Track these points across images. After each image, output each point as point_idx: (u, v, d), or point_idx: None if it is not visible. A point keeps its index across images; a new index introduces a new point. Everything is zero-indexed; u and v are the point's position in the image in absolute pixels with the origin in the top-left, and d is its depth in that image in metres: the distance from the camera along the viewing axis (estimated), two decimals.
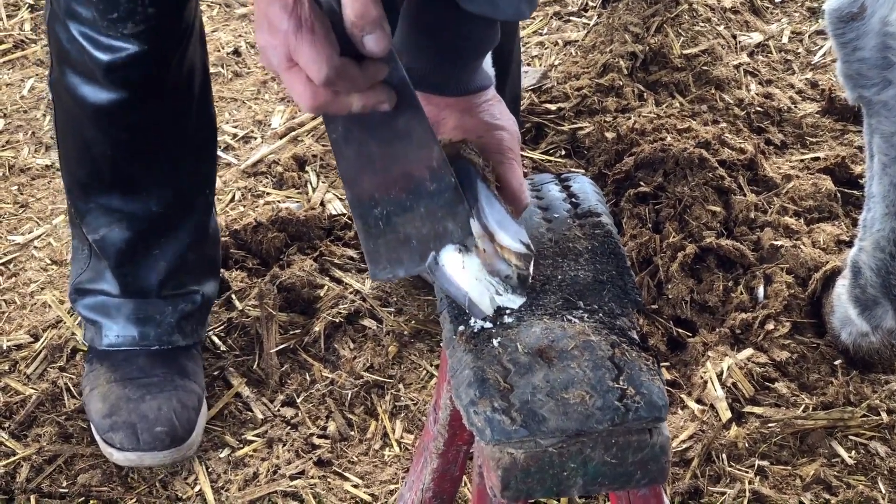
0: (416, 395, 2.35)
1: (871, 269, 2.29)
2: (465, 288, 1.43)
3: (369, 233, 1.48)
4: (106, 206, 2.21)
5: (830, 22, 2.17)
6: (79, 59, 2.05)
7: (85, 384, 2.31)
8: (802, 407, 2.30)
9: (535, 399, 1.36)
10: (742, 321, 2.44)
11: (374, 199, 1.47)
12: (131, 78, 2.06)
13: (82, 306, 2.31)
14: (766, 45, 3.26)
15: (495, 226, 1.45)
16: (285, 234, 2.64)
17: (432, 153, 1.44)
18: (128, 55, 2.02)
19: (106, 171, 2.18)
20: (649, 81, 3.07)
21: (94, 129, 2.14)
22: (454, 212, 1.43)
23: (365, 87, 1.41)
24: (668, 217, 2.62)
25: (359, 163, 1.47)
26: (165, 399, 2.24)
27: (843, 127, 2.98)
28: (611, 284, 1.51)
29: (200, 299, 2.32)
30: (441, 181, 1.44)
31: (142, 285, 2.28)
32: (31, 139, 3.00)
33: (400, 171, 1.45)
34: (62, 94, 2.14)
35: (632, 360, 1.40)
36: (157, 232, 2.24)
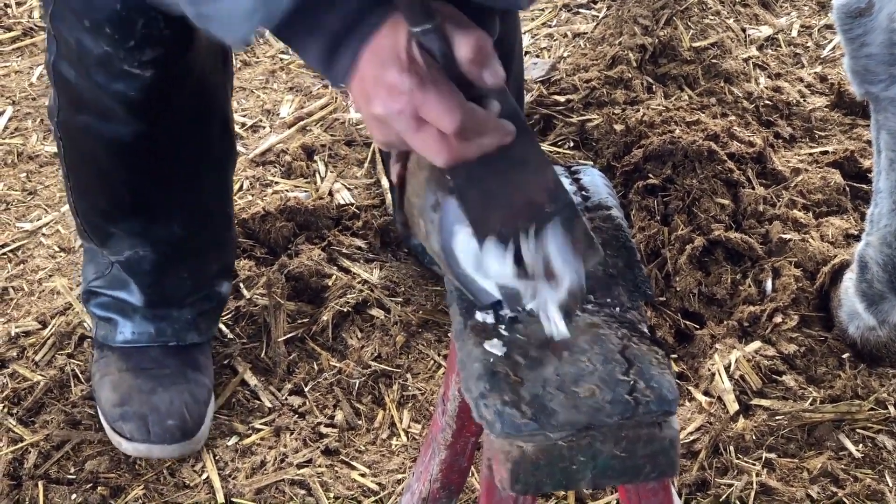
0: (423, 385, 2.36)
1: (877, 265, 2.30)
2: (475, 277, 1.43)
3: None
4: (129, 230, 2.18)
5: (838, 17, 2.17)
6: (93, 99, 1.98)
7: (95, 370, 2.31)
8: (810, 400, 2.30)
9: (545, 392, 1.36)
10: (750, 314, 2.44)
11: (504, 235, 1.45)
12: (152, 108, 1.99)
13: (95, 305, 2.30)
14: (775, 38, 3.25)
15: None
16: (293, 223, 2.64)
17: (548, 175, 1.45)
18: (145, 85, 1.94)
19: (126, 199, 2.14)
20: (658, 74, 3.07)
21: (113, 163, 2.08)
22: (573, 229, 1.43)
23: (492, 126, 1.39)
24: (677, 209, 2.62)
25: (484, 202, 1.45)
26: (178, 392, 2.24)
27: (852, 121, 2.98)
28: (621, 278, 1.52)
29: (217, 300, 2.33)
30: (558, 201, 1.44)
31: (167, 299, 2.27)
32: (40, 126, 3.00)
33: (521, 200, 1.44)
34: (74, 134, 2.08)
35: (642, 354, 1.40)
36: (183, 253, 2.23)
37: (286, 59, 3.20)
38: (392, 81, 1.35)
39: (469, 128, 1.36)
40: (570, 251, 1.43)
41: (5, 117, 3.02)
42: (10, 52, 3.24)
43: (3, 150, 2.92)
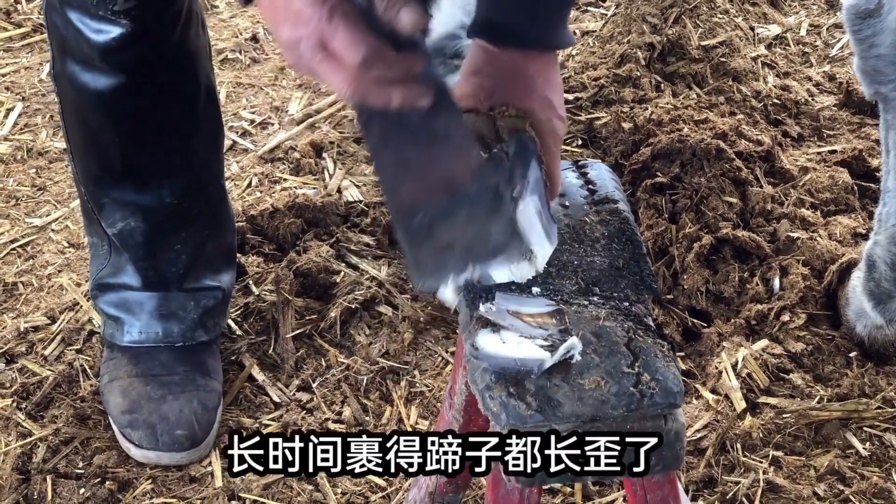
0: (431, 382, 2.36)
1: (885, 264, 2.30)
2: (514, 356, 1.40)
3: (412, 241, 1.45)
4: (120, 199, 2.21)
5: (847, 18, 2.17)
6: (76, 45, 2.04)
7: (104, 373, 2.31)
8: (817, 398, 2.30)
9: (551, 384, 1.37)
10: (757, 312, 2.44)
11: (415, 206, 1.43)
12: (128, 60, 2.04)
13: (104, 302, 2.31)
14: (783, 37, 3.25)
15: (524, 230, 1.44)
16: (302, 219, 2.65)
17: (472, 155, 1.43)
18: (120, 35, 2.01)
19: (116, 161, 2.18)
20: (667, 72, 3.07)
21: (99, 117, 2.13)
22: (497, 214, 1.41)
23: (402, 75, 1.38)
24: (685, 208, 2.62)
25: (398, 169, 1.44)
26: (187, 401, 2.24)
27: (861, 120, 2.98)
28: (627, 271, 1.52)
29: (221, 295, 2.33)
30: (482, 183, 1.42)
31: (163, 277, 2.28)
32: (50, 122, 3.01)
33: (440, 175, 1.43)
34: (64, 84, 2.13)
35: (647, 347, 1.41)
36: (175, 224, 2.24)
37: None
38: (299, 9, 1.34)
39: (378, 68, 1.35)
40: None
41: (15, 113, 3.03)
42: (19, 49, 3.25)
43: (13, 145, 2.93)
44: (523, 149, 1.47)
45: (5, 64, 3.20)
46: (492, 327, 1.42)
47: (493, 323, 1.42)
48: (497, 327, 1.42)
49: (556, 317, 1.44)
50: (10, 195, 2.80)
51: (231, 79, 3.15)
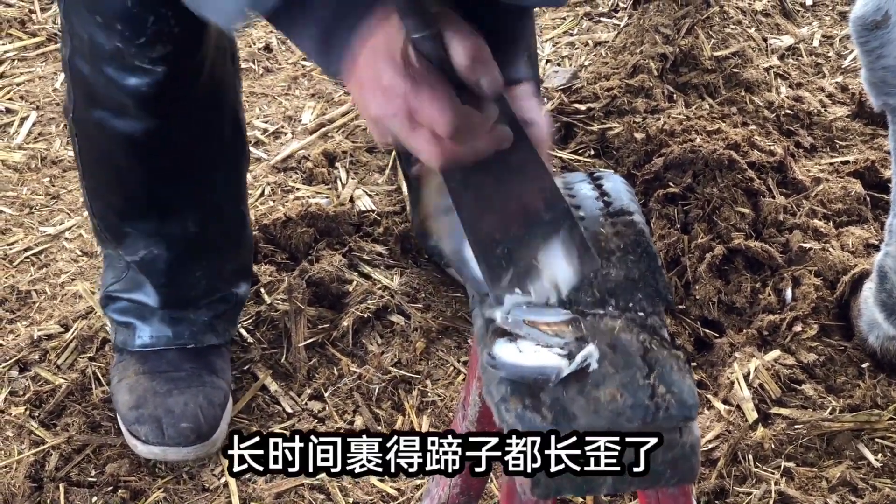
0: (443, 392, 2.36)
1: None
2: (532, 364, 1.40)
3: (494, 273, 1.45)
4: (144, 230, 2.21)
5: (855, 30, 2.17)
6: (107, 94, 2.02)
7: (113, 374, 2.32)
8: (829, 409, 2.30)
9: (566, 396, 1.37)
10: (769, 323, 2.44)
11: (495, 240, 1.44)
12: (163, 104, 2.03)
13: (113, 311, 2.32)
14: (796, 48, 3.26)
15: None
16: (314, 229, 2.65)
17: (545, 182, 1.45)
18: (156, 81, 1.98)
19: (142, 197, 2.18)
20: (679, 83, 3.07)
21: (128, 159, 2.12)
22: (570, 235, 1.43)
23: (487, 129, 1.40)
24: (697, 218, 2.62)
25: (479, 206, 1.45)
26: (192, 395, 2.25)
27: (874, 131, 2.97)
28: (642, 283, 1.52)
29: (234, 300, 2.34)
30: (556, 209, 1.44)
31: (183, 299, 2.29)
32: (64, 131, 3.02)
33: (517, 207, 1.44)
34: (89, 130, 2.12)
35: (663, 359, 1.41)
36: (197, 251, 2.25)
37: (308, 65, 3.21)
38: (387, 84, 1.35)
39: (463, 130, 1.36)
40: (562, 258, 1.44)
41: (29, 122, 3.04)
42: (34, 58, 3.26)
43: (27, 154, 2.94)
44: None
45: (20, 73, 3.21)
46: (508, 337, 1.42)
47: (510, 332, 1.42)
48: (514, 336, 1.42)
49: (572, 325, 1.44)
50: (23, 204, 2.81)
51: (244, 88, 3.14)
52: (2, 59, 3.25)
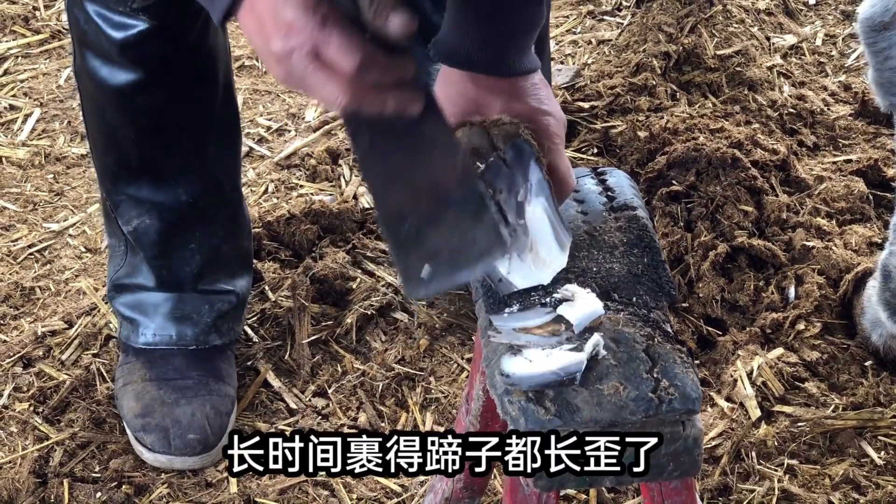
0: (446, 388, 2.37)
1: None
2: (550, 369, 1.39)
3: (401, 250, 1.43)
4: (136, 196, 2.22)
5: (862, 31, 2.18)
6: (96, 40, 2.06)
7: (118, 376, 2.32)
8: (832, 407, 2.30)
9: (569, 389, 1.37)
10: (772, 321, 2.44)
11: (403, 214, 1.42)
12: (145, 56, 2.06)
13: (120, 303, 2.33)
14: (799, 47, 3.26)
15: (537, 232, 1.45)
16: (318, 226, 2.65)
17: (457, 159, 1.42)
18: (139, 32, 2.03)
19: (133, 158, 2.20)
20: (682, 81, 3.07)
21: (116, 113, 2.15)
22: (481, 219, 1.39)
23: (395, 80, 1.37)
24: (700, 216, 2.63)
25: (386, 176, 1.44)
26: (199, 405, 2.25)
27: (876, 130, 2.98)
28: (645, 278, 1.52)
29: (236, 299, 2.34)
30: (467, 188, 1.40)
31: (177, 277, 2.29)
32: (67, 128, 3.02)
33: (427, 181, 1.42)
34: (85, 79, 2.15)
35: (666, 353, 1.41)
36: (190, 223, 2.25)
37: None
38: (290, 18, 1.32)
39: (371, 74, 1.33)
40: None
41: (33, 119, 3.04)
42: (38, 55, 3.27)
43: (31, 151, 2.95)
44: (520, 153, 1.48)
45: (23, 70, 3.21)
46: (511, 350, 1.42)
47: (511, 346, 1.42)
48: (516, 349, 1.41)
49: (562, 322, 1.44)
50: (27, 200, 2.82)
51: (248, 86, 3.16)
52: (6, 56, 3.25)
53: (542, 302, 1.47)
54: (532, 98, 1.58)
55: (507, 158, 1.47)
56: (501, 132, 1.51)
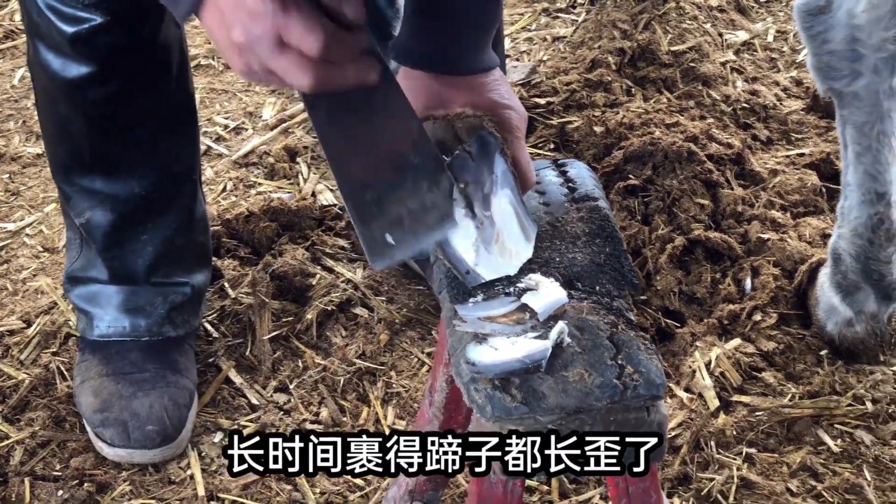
0: (407, 382, 2.38)
1: (850, 256, 2.34)
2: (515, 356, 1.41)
3: (363, 220, 1.46)
4: (88, 188, 2.21)
5: (798, 16, 2.21)
6: (48, 32, 2.05)
7: (76, 374, 2.32)
8: (789, 396, 2.33)
9: (535, 377, 1.38)
10: (730, 312, 2.47)
11: (364, 184, 1.45)
12: (97, 50, 2.05)
13: (75, 296, 2.32)
14: (751, 43, 3.29)
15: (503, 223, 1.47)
16: (277, 223, 2.66)
17: (412, 125, 1.46)
18: (91, 26, 2.02)
19: (85, 150, 2.19)
20: (637, 77, 3.10)
21: (68, 105, 2.14)
22: (437, 182, 1.44)
23: (355, 55, 1.40)
24: (657, 210, 2.65)
25: (346, 146, 1.46)
26: (157, 397, 2.25)
27: (828, 124, 3.01)
28: (608, 267, 1.54)
29: (191, 291, 2.33)
30: (423, 153, 1.45)
31: (129, 270, 2.28)
32: (22, 128, 3.01)
33: (385, 149, 1.45)
34: (37, 70, 2.14)
35: (630, 340, 1.43)
36: (142, 215, 2.24)
37: None
38: (252, 6, 1.34)
39: (334, 51, 1.35)
40: None
41: None
42: None
43: None
44: (485, 145, 1.50)
45: None
46: (476, 339, 1.43)
47: (476, 334, 1.43)
48: (481, 337, 1.43)
49: (526, 311, 1.46)
50: None
51: (204, 84, 3.15)
52: None
53: (506, 291, 1.48)
54: (493, 93, 1.61)
55: (473, 151, 1.50)
56: (465, 125, 1.52)
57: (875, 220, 2.29)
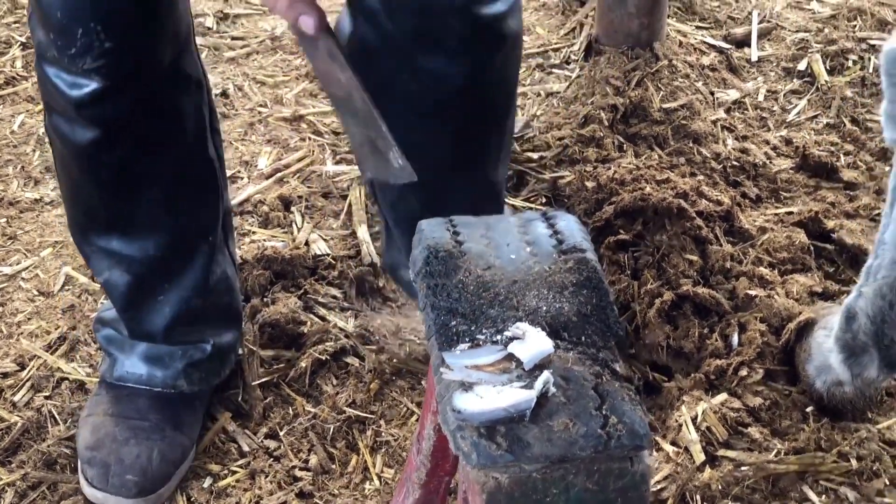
0: (396, 431, 2.39)
1: (867, 316, 2.32)
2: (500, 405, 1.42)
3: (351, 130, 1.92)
4: (105, 248, 2.23)
5: (887, 61, 2.18)
6: (55, 98, 2.07)
7: (86, 406, 2.35)
8: (775, 451, 2.35)
9: (520, 425, 1.41)
10: (717, 367, 2.49)
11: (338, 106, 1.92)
12: (102, 114, 2.06)
13: (101, 336, 2.36)
14: (742, 102, 3.33)
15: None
16: (270, 272, 2.68)
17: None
18: (91, 91, 2.02)
19: (99, 212, 2.20)
20: (629, 133, 3.14)
21: (80, 169, 2.16)
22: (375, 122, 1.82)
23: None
24: (647, 265, 2.68)
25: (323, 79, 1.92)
26: (147, 448, 2.26)
27: (816, 183, 3.05)
28: (594, 318, 1.56)
29: (210, 348, 2.35)
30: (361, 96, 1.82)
31: (147, 330, 2.31)
32: (21, 173, 3.04)
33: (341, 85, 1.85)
34: (52, 135, 2.16)
35: (614, 390, 1.45)
36: (158, 277, 2.26)
37: (264, 112, 3.25)
38: None
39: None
40: None
41: None
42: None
43: None
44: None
45: None
46: (462, 387, 1.45)
47: (463, 382, 1.46)
48: (468, 385, 1.45)
49: (512, 360, 1.48)
50: None
51: None
52: None
53: (493, 340, 1.51)
54: None
55: None
56: None
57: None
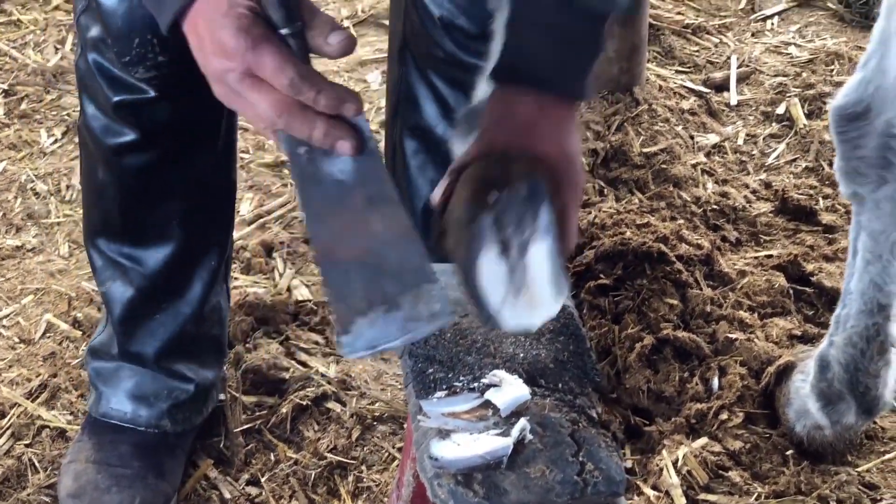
0: (378, 477, 2.39)
1: (840, 364, 2.34)
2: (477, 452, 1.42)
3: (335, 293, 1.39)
4: (113, 257, 2.24)
5: (834, 119, 2.21)
6: (99, 94, 2.08)
7: (69, 452, 2.35)
8: (755, 495, 2.35)
9: (497, 472, 1.41)
10: (697, 411, 2.49)
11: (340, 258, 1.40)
12: (140, 119, 2.07)
13: (91, 369, 2.36)
14: (722, 146, 3.35)
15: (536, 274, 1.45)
16: (252, 318, 2.69)
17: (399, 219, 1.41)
18: (139, 98, 2.04)
19: (115, 216, 2.21)
20: (610, 178, 3.15)
21: (105, 170, 2.17)
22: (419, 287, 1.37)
23: (330, 106, 1.41)
24: (627, 309, 2.69)
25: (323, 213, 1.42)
26: (129, 496, 2.26)
27: (796, 227, 3.06)
28: (571, 364, 1.57)
29: (194, 389, 2.35)
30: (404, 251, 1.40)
31: (139, 350, 2.31)
32: (2, 220, 3.04)
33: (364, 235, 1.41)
34: (84, 133, 2.17)
35: (591, 437, 1.46)
36: (158, 294, 2.26)
37: (247, 158, 3.27)
38: (226, 41, 1.40)
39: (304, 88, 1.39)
40: None
41: None
42: None
43: None
44: (535, 193, 1.45)
45: None
46: (440, 434, 1.46)
47: (440, 430, 1.46)
48: (444, 433, 1.46)
49: (489, 407, 1.49)
50: None
51: None
52: None
53: (470, 387, 1.51)
54: (568, 137, 1.56)
55: (521, 195, 1.45)
56: (521, 167, 1.48)
57: (872, 330, 2.30)
